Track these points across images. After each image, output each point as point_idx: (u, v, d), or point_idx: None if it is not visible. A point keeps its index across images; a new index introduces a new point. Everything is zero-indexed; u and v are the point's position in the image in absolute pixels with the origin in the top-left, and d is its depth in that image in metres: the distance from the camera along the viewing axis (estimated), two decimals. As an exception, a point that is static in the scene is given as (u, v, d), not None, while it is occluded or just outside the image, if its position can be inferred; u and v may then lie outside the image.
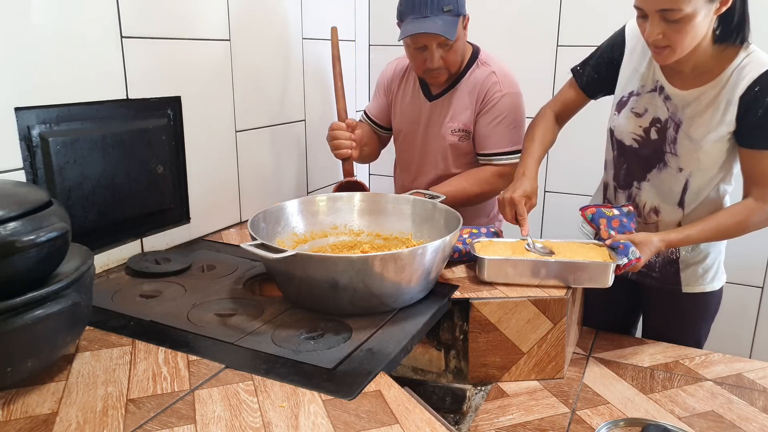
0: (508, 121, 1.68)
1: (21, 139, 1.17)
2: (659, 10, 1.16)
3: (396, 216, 1.50)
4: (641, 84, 1.38)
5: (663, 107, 1.34)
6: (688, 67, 1.30)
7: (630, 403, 1.19)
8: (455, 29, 1.56)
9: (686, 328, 1.48)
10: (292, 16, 1.92)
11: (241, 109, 1.73)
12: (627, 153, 1.43)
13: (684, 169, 1.35)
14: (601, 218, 1.40)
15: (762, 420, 1.14)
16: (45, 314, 0.85)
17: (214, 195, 1.68)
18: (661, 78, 1.35)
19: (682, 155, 1.33)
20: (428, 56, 1.59)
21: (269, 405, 0.88)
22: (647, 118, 1.37)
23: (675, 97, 1.32)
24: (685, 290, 1.45)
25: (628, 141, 1.41)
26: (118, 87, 1.35)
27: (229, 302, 1.22)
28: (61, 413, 0.85)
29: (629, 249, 1.29)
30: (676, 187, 1.37)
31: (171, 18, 1.46)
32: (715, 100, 1.28)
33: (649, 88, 1.37)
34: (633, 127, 1.39)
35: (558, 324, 1.25)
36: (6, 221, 0.83)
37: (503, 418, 1.15)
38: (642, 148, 1.39)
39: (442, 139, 1.73)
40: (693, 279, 1.44)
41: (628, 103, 1.40)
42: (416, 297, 1.22)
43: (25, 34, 1.15)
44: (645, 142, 1.38)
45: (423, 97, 1.76)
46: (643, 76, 1.38)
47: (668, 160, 1.36)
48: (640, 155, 1.40)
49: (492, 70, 1.68)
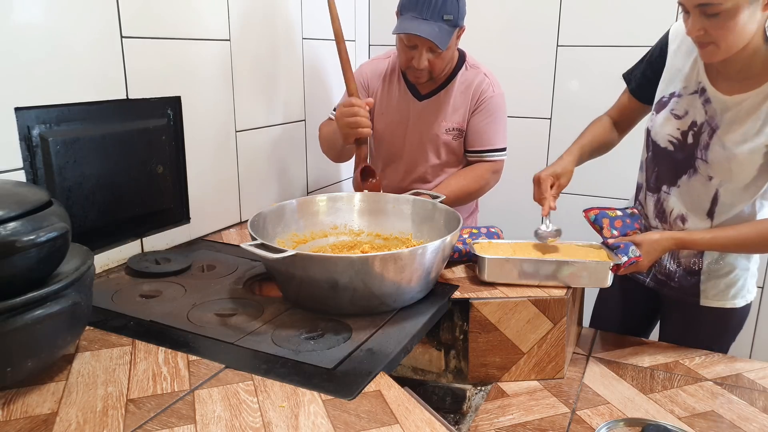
0: (499, 120, 1.74)
1: (21, 139, 1.17)
2: (698, 5, 1.13)
3: (396, 216, 1.50)
4: (684, 85, 1.32)
5: (701, 110, 1.28)
6: (735, 69, 1.23)
7: (630, 403, 1.19)
8: (448, 39, 1.57)
9: (702, 343, 1.42)
10: (292, 16, 1.92)
11: (241, 109, 1.73)
12: (660, 155, 1.38)
13: (714, 177, 1.28)
14: (604, 218, 1.39)
15: (762, 420, 1.14)
16: (45, 314, 0.85)
17: (214, 195, 1.68)
18: (704, 80, 1.29)
19: (712, 163, 1.27)
20: (416, 56, 1.61)
21: (269, 405, 0.88)
22: (687, 121, 1.31)
23: (715, 101, 1.26)
24: (703, 303, 1.39)
25: (663, 143, 1.36)
26: (118, 87, 1.35)
27: (229, 302, 1.22)
28: (61, 413, 0.85)
29: (629, 248, 1.29)
30: (705, 196, 1.31)
31: (171, 18, 1.46)
32: (758, 108, 1.21)
33: (691, 90, 1.31)
34: (671, 129, 1.34)
35: (558, 324, 1.25)
36: (6, 221, 0.83)
37: (503, 418, 1.15)
38: (676, 152, 1.34)
39: (436, 137, 1.75)
40: (714, 293, 1.38)
41: (669, 104, 1.35)
42: (416, 297, 1.22)
43: (25, 34, 1.15)
44: (680, 145, 1.32)
45: (411, 96, 1.77)
46: (686, 77, 1.32)
47: (698, 167, 1.30)
48: (673, 159, 1.35)
49: (483, 72, 1.74)
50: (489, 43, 2.25)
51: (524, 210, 2.34)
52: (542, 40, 2.19)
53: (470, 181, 1.74)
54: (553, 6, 2.15)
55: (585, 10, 2.11)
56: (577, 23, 2.13)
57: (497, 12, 2.23)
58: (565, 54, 2.17)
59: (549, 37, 2.18)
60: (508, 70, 2.06)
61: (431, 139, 1.76)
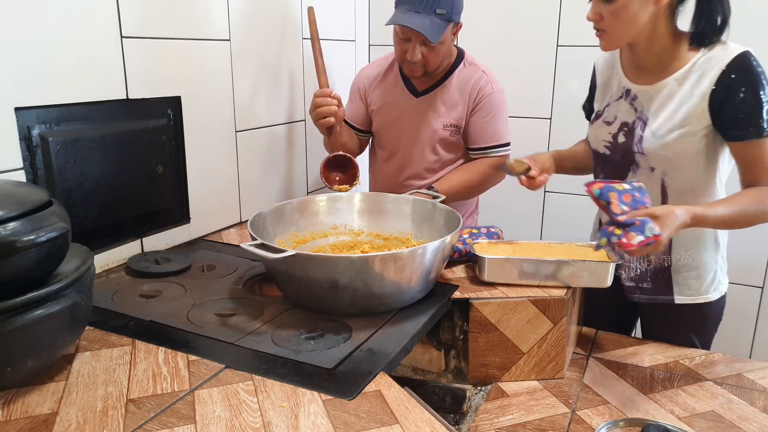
0: (499, 116, 1.75)
1: (21, 139, 1.17)
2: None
3: (396, 216, 1.50)
4: (610, 95, 1.41)
5: (630, 110, 1.35)
6: (652, 62, 1.30)
7: (630, 403, 1.19)
8: (441, 33, 1.58)
9: (683, 340, 1.43)
10: (292, 16, 1.92)
11: (241, 109, 1.73)
12: (602, 161, 1.43)
13: (655, 168, 1.32)
14: (611, 192, 1.20)
15: (762, 420, 1.14)
16: (45, 314, 0.85)
17: (214, 195, 1.68)
18: (626, 82, 1.36)
19: (648, 153, 1.31)
20: (410, 49, 1.62)
21: (269, 405, 0.88)
22: (616, 125, 1.37)
23: (641, 94, 1.33)
24: (678, 301, 1.40)
25: (601, 149, 1.42)
26: (118, 87, 1.35)
27: (229, 302, 1.22)
28: (61, 413, 0.85)
29: (646, 225, 1.12)
30: (654, 189, 1.33)
31: (171, 18, 1.46)
32: (678, 92, 1.26)
33: (617, 96, 1.38)
34: (603, 134, 1.40)
35: (558, 324, 1.25)
36: (6, 221, 0.83)
37: (503, 418, 1.15)
38: (613, 154, 1.39)
39: (434, 133, 1.76)
40: (686, 289, 1.39)
41: (603, 115, 1.42)
42: (416, 297, 1.22)
43: (25, 34, 1.15)
44: (614, 147, 1.38)
45: (408, 93, 1.78)
46: (611, 88, 1.41)
47: (638, 161, 1.34)
48: (612, 161, 1.40)
49: (481, 69, 1.75)
50: (489, 42, 2.26)
51: (524, 210, 2.35)
52: (542, 40, 2.19)
53: (472, 175, 1.75)
54: (553, 6, 2.15)
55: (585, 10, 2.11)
56: (577, 23, 2.12)
57: (497, 12, 2.24)
58: (565, 54, 2.18)
59: (549, 37, 2.18)
60: (508, 70, 2.06)
61: (429, 135, 1.77)
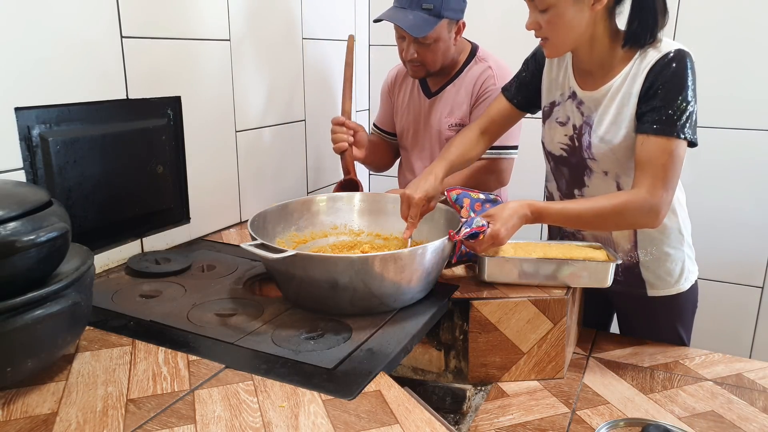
0: None
1: (21, 139, 1.17)
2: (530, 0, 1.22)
3: (396, 216, 1.49)
4: (560, 93, 1.38)
5: (578, 113, 1.33)
6: (596, 66, 1.29)
7: (630, 403, 1.19)
8: (427, 28, 1.54)
9: (661, 331, 1.44)
10: (292, 16, 1.92)
11: (241, 109, 1.73)
12: (560, 163, 1.41)
13: (608, 172, 1.31)
14: (465, 198, 1.37)
15: (762, 420, 1.14)
16: (45, 314, 0.85)
17: (214, 195, 1.68)
18: (573, 84, 1.34)
19: (599, 158, 1.30)
20: (405, 47, 1.62)
21: (269, 405, 0.88)
22: (569, 127, 1.35)
23: (587, 100, 1.31)
24: (651, 294, 1.41)
25: (558, 152, 1.39)
26: (118, 87, 1.35)
27: (229, 302, 1.22)
28: (61, 413, 0.85)
29: (473, 220, 1.22)
30: (611, 192, 1.31)
31: (171, 18, 1.46)
32: (618, 95, 1.25)
33: (566, 96, 1.36)
34: (559, 136, 1.38)
35: (558, 324, 1.25)
36: (6, 221, 0.83)
37: (503, 418, 1.15)
38: (570, 156, 1.37)
39: (440, 134, 1.74)
40: (657, 282, 1.40)
41: (552, 114, 1.40)
42: (416, 297, 1.22)
43: (25, 33, 1.15)
44: (572, 149, 1.36)
45: (422, 94, 1.77)
46: (560, 85, 1.38)
47: (591, 166, 1.33)
48: (570, 163, 1.38)
49: (489, 65, 1.70)
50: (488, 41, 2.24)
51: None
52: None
53: (463, 180, 1.67)
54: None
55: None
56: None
57: (496, 10, 2.23)
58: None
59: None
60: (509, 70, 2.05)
61: (436, 135, 1.75)
